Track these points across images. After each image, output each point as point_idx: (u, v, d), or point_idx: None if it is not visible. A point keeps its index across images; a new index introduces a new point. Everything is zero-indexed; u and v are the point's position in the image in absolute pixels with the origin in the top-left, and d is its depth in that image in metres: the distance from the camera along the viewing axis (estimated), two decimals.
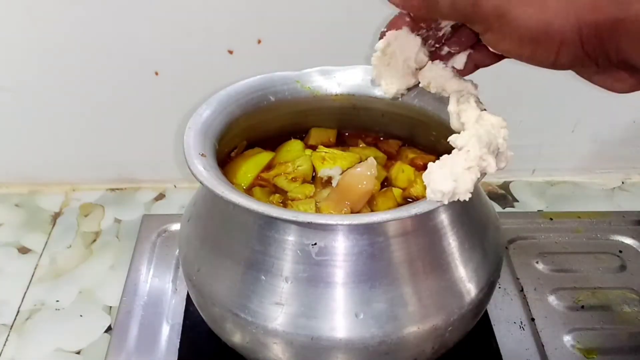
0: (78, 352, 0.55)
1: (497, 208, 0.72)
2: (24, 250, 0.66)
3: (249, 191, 0.48)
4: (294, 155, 0.50)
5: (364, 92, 0.50)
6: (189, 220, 0.46)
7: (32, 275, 0.63)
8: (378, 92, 0.49)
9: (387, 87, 0.48)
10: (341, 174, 0.48)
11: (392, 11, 0.62)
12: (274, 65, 0.50)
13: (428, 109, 0.48)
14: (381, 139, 0.54)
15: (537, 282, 0.60)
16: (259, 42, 0.63)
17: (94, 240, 0.68)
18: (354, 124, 0.53)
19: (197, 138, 0.43)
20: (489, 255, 0.44)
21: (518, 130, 0.70)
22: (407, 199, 0.47)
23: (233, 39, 0.63)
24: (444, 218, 0.41)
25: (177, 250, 0.62)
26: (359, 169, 0.46)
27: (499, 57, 0.40)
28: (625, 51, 0.32)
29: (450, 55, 0.43)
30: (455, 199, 0.36)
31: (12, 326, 0.58)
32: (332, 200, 0.45)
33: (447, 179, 0.36)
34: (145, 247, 0.64)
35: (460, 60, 0.42)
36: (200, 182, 0.39)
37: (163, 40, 0.63)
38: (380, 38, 0.43)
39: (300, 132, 0.53)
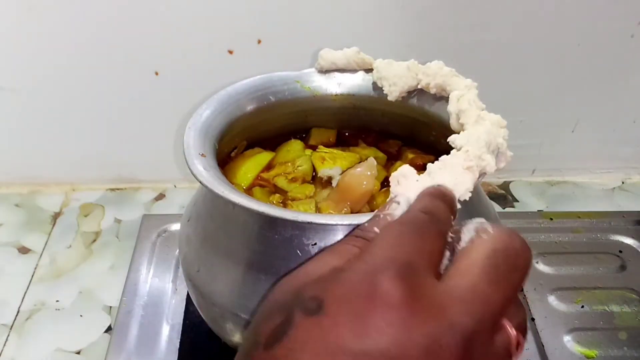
0: (78, 352, 0.55)
1: (497, 208, 0.72)
2: (24, 250, 0.66)
3: (249, 191, 0.48)
4: (294, 155, 0.50)
5: (364, 92, 0.50)
6: (189, 220, 0.46)
7: (32, 275, 0.63)
8: (378, 92, 0.49)
9: (389, 90, 0.48)
10: (341, 174, 0.48)
11: (390, 12, 0.62)
12: (274, 65, 0.50)
13: (428, 109, 0.47)
14: (381, 139, 0.54)
15: (537, 282, 0.60)
16: (259, 42, 0.63)
17: (94, 240, 0.68)
18: (354, 124, 0.53)
19: (197, 138, 0.43)
20: None
21: (518, 130, 0.70)
22: None
23: (233, 39, 0.63)
24: None
25: (177, 250, 0.62)
26: (359, 169, 0.46)
27: None
28: None
29: None
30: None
31: (12, 326, 0.58)
32: (332, 200, 0.45)
33: (446, 179, 0.36)
34: (146, 247, 0.64)
35: None
36: (200, 182, 0.39)
37: (163, 40, 0.63)
38: None
39: (300, 132, 0.53)
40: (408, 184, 0.33)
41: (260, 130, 0.51)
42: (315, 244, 0.38)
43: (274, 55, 0.64)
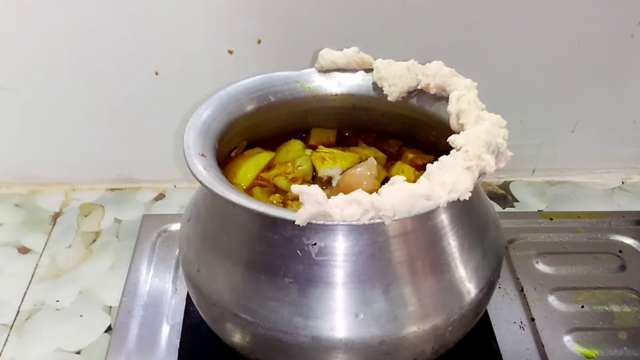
0: (78, 352, 0.55)
1: (497, 208, 0.72)
2: (24, 250, 0.66)
3: (249, 191, 0.48)
4: (294, 155, 0.50)
5: (364, 92, 0.50)
6: (188, 220, 0.47)
7: (32, 275, 0.63)
8: (378, 92, 0.50)
9: (389, 90, 0.48)
10: (341, 174, 0.48)
11: (389, 12, 0.62)
12: (274, 65, 0.50)
13: (428, 109, 0.48)
14: (381, 139, 0.54)
15: (537, 282, 0.60)
16: (259, 42, 0.63)
17: (94, 240, 0.68)
18: (354, 124, 0.53)
19: (197, 138, 0.43)
20: (489, 255, 0.44)
21: (518, 130, 0.70)
22: None
23: (233, 39, 0.63)
24: (444, 218, 0.41)
25: (177, 250, 0.62)
26: (359, 169, 0.46)
27: None
28: None
29: None
30: (455, 199, 0.36)
31: (12, 326, 0.58)
32: None
33: (446, 179, 0.36)
34: (146, 247, 0.64)
35: None
36: (200, 182, 0.39)
37: (163, 40, 0.63)
38: None
39: (300, 132, 0.54)
40: None
41: (260, 130, 0.51)
42: (315, 244, 0.38)
43: (274, 55, 0.64)
